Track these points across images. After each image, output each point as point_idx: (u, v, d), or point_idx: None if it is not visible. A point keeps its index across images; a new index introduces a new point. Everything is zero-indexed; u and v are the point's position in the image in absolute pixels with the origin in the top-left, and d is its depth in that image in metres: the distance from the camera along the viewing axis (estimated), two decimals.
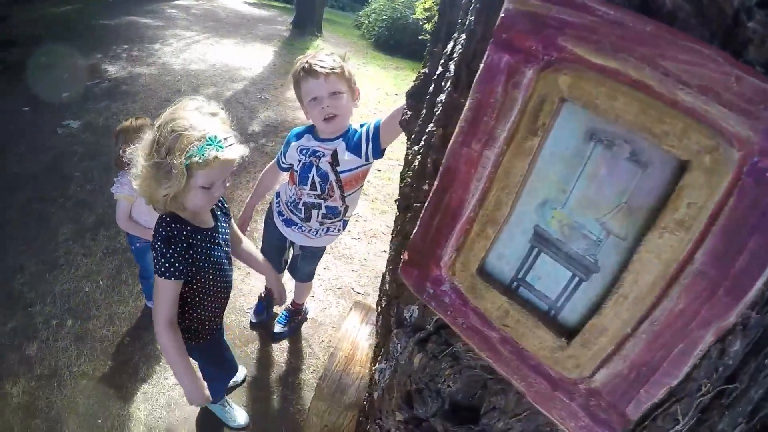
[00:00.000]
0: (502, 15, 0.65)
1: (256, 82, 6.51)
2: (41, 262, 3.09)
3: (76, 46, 6.49)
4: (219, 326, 1.87)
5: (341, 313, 3.00)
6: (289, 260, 2.55)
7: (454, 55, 0.89)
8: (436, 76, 0.99)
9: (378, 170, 4.74)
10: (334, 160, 1.93)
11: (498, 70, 0.66)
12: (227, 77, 6.44)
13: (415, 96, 1.13)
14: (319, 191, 2.01)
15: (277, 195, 2.26)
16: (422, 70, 1.12)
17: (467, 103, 0.72)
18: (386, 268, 1.33)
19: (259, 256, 1.96)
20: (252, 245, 1.96)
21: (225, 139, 1.40)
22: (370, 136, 1.86)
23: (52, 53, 6.13)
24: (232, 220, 1.83)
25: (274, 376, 2.59)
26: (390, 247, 1.33)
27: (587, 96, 0.59)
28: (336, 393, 1.56)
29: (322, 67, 1.79)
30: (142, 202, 2.34)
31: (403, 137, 1.34)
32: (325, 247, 2.45)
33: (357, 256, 3.59)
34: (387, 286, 1.21)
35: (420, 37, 8.95)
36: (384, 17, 11.11)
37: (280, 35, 9.38)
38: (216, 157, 1.36)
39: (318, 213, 2.09)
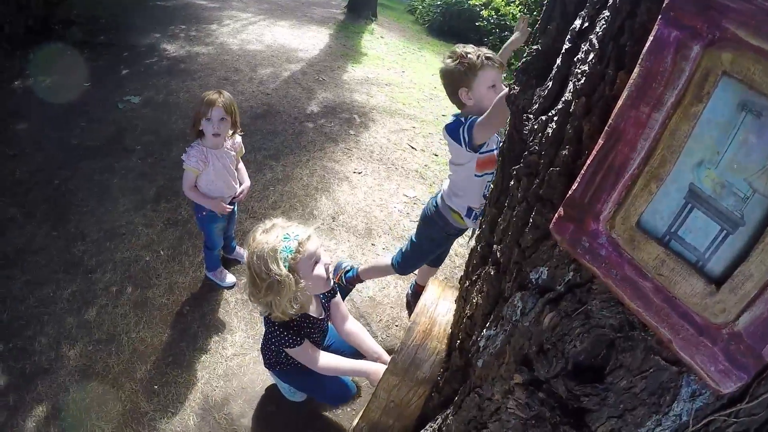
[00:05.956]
0: None
1: (313, 63, 6.46)
2: (102, 230, 3.13)
3: (134, 25, 6.61)
4: None
5: (399, 294, 2.92)
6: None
7: (596, 30, 0.94)
8: (564, 51, 1.05)
9: (435, 155, 4.62)
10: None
11: (667, 43, 0.74)
12: (284, 58, 6.41)
13: (528, 71, 1.19)
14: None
15: (453, 195, 2.18)
16: (534, 47, 1.18)
17: (636, 71, 0.79)
18: (486, 240, 1.39)
19: (366, 339, 2.02)
20: (357, 325, 2.06)
21: (295, 231, 1.64)
22: None
23: (111, 32, 6.26)
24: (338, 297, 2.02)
25: None
26: (491, 218, 1.35)
27: (746, 71, 0.67)
28: (410, 367, 1.49)
29: (501, 62, 2.05)
30: (207, 175, 2.35)
31: None
32: None
33: None
34: (499, 254, 1.24)
35: (477, 24, 8.70)
36: (438, 2, 10.90)
37: (335, 18, 9.34)
38: (300, 243, 1.61)
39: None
